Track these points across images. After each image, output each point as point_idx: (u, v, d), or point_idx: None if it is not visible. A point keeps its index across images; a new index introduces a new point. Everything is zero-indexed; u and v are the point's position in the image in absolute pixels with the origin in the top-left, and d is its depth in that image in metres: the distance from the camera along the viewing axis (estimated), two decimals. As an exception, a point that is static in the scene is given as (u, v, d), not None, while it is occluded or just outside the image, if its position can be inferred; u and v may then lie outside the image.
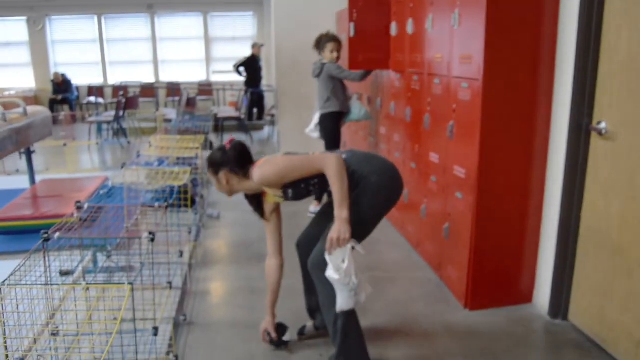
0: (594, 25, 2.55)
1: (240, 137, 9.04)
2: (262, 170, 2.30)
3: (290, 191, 2.34)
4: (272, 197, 2.41)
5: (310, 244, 2.43)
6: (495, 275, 3.01)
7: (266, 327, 2.61)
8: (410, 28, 3.80)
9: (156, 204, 2.76)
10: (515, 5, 2.72)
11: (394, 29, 4.20)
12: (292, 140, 6.65)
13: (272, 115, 9.01)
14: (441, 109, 3.29)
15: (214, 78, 12.52)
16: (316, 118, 4.69)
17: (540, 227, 2.99)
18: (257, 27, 12.32)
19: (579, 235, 2.77)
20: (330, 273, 2.15)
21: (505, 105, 2.81)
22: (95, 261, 3.13)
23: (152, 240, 2.15)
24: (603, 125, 2.55)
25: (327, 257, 2.17)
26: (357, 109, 4.57)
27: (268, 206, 2.52)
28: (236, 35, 12.38)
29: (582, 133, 2.67)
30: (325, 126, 4.61)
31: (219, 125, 8.88)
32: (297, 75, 6.55)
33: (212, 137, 7.09)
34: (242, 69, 9.84)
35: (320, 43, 4.51)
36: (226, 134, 9.05)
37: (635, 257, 2.39)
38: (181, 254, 3.19)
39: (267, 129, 9.79)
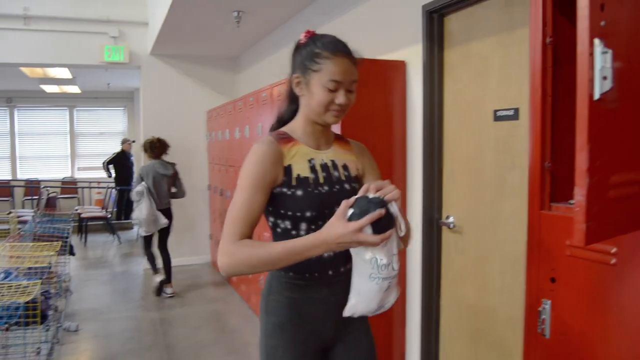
0: (436, 130, 2.83)
1: (107, 238, 8.60)
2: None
3: (345, 186, 1.57)
4: (302, 162, 1.53)
5: None
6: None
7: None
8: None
9: (-6, 327, 2.45)
10: (369, 115, 2.95)
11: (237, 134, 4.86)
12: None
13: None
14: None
15: (79, 175, 11.88)
16: (158, 214, 5.17)
17: (405, 319, 3.09)
18: (127, 122, 12.07)
19: (440, 324, 2.90)
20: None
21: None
22: None
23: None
24: (451, 219, 2.77)
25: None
26: None
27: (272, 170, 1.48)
28: (105, 130, 11.98)
29: (434, 227, 2.88)
30: (170, 215, 5.33)
31: (83, 226, 8.33)
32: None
33: (74, 240, 6.62)
34: (111, 166, 9.47)
35: (166, 147, 5.39)
36: (90, 236, 8.51)
37: (489, 341, 2.54)
38: (26, 379, 2.83)
39: (136, 229, 9.33)
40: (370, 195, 1.31)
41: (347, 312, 1.41)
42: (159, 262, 5.40)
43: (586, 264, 1.41)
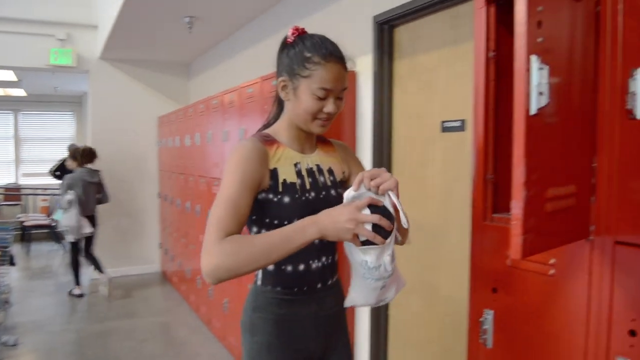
0: (385, 140, 2.86)
1: (52, 246, 8.28)
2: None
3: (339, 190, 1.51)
4: (288, 165, 1.44)
5: None
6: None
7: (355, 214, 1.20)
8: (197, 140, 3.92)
9: None
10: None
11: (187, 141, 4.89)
12: (110, 248, 6.22)
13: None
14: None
15: (24, 181, 11.41)
16: (83, 222, 5.30)
17: (355, 328, 3.09)
18: (76, 127, 11.69)
19: (388, 333, 2.91)
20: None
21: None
22: None
23: None
24: (400, 229, 2.79)
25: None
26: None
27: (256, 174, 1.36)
28: (52, 135, 11.56)
29: (384, 237, 2.89)
30: (95, 222, 5.52)
31: (26, 235, 8.01)
32: (117, 182, 6.25)
33: (16, 249, 6.33)
34: (58, 173, 9.12)
35: (94, 155, 5.49)
36: (34, 244, 8.19)
37: (437, 350, 2.56)
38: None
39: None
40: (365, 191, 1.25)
41: (347, 303, 1.37)
42: (82, 273, 5.69)
43: (526, 274, 1.43)
